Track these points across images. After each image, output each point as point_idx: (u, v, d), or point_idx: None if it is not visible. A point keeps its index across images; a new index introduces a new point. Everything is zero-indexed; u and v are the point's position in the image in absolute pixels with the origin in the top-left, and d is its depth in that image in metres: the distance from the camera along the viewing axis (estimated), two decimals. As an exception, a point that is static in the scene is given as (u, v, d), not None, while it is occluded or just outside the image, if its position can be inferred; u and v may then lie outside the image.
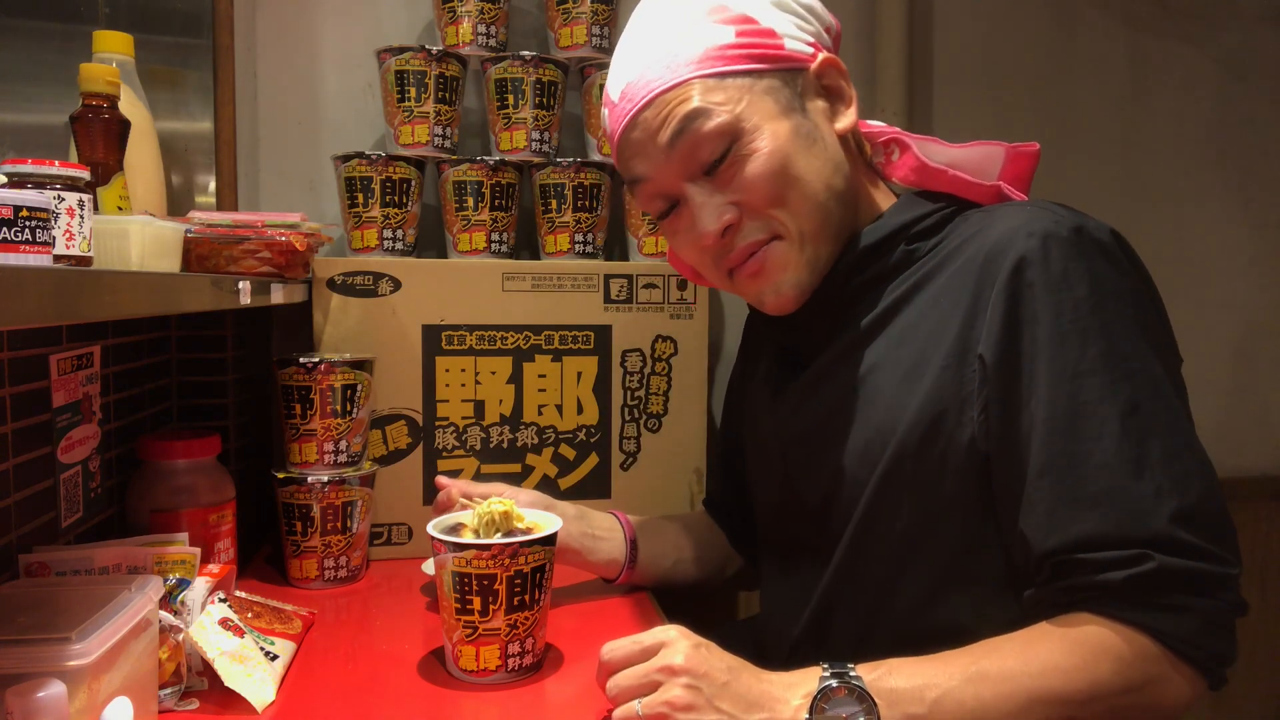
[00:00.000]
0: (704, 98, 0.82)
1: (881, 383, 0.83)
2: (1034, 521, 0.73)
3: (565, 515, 1.02)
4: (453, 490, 0.99)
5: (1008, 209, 0.82)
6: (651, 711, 0.70)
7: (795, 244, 0.85)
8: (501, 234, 1.29)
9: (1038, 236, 0.76)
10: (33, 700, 0.55)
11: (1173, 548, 0.69)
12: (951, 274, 0.81)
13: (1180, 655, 0.70)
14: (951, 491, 0.79)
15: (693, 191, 0.85)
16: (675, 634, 0.75)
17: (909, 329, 0.83)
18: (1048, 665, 0.71)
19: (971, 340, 0.78)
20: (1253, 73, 1.71)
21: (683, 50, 0.82)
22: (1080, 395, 0.73)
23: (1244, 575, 0.73)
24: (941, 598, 0.80)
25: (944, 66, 1.59)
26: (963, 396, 0.78)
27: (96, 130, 0.85)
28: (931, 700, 0.71)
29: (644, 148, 0.85)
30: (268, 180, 1.39)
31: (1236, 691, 1.70)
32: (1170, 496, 0.70)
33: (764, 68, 0.83)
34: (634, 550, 1.06)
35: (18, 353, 0.81)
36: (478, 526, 0.87)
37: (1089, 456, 0.72)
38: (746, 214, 0.84)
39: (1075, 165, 1.63)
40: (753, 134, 0.82)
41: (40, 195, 0.59)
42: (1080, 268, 0.75)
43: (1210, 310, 1.69)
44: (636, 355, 1.28)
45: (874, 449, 0.83)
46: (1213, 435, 0.76)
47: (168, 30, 1.23)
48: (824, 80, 0.86)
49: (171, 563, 0.85)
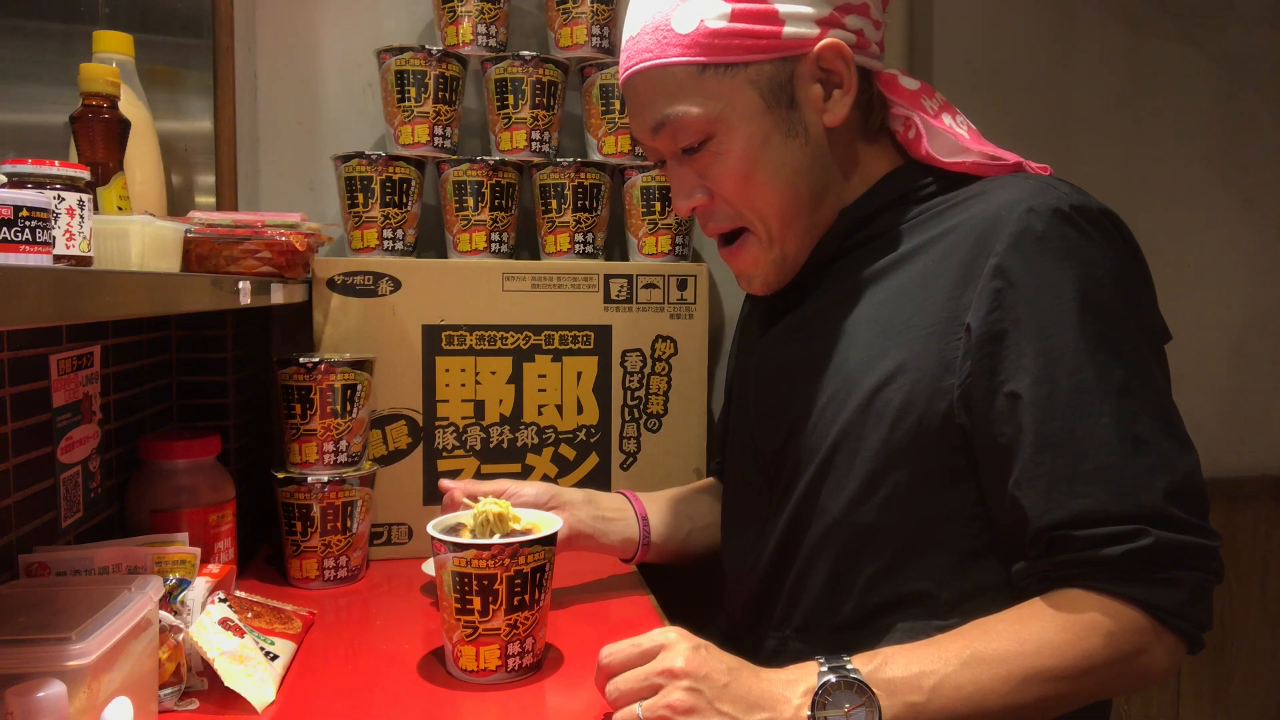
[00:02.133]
0: (685, 91, 0.83)
1: (860, 336, 0.83)
2: (1032, 496, 0.73)
3: (573, 501, 1.03)
4: (455, 493, 0.99)
5: (1011, 180, 0.82)
6: (652, 715, 0.70)
7: (763, 243, 0.87)
8: (501, 234, 1.29)
9: (1038, 212, 0.76)
10: (33, 700, 0.55)
11: (1166, 523, 0.71)
12: (946, 240, 0.81)
13: (1166, 625, 0.72)
14: (922, 458, 0.78)
15: (673, 166, 0.89)
16: (675, 636, 0.75)
17: (898, 289, 0.83)
18: (1042, 643, 0.71)
19: (959, 308, 0.78)
20: (1253, 73, 1.71)
21: (677, 20, 0.82)
22: (1079, 374, 0.73)
23: (1244, 575, 0.73)
24: (902, 564, 0.80)
25: (944, 66, 1.59)
26: (944, 363, 0.78)
27: (96, 130, 0.85)
28: (929, 687, 0.71)
29: (634, 115, 0.89)
30: (268, 180, 1.39)
31: (1236, 691, 1.70)
32: (1162, 473, 0.72)
33: (754, 58, 0.82)
34: (647, 526, 1.07)
35: (18, 353, 0.81)
36: (474, 528, 0.87)
37: (1089, 433, 0.72)
38: (716, 200, 0.87)
39: (1075, 165, 1.63)
40: (727, 134, 0.83)
41: (40, 195, 0.59)
42: (1078, 245, 0.75)
43: (1210, 310, 1.69)
44: (636, 355, 1.28)
45: (838, 399, 0.82)
46: (1213, 435, 0.76)
47: (168, 30, 1.23)
48: (823, 64, 0.83)
49: (171, 563, 0.85)
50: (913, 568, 0.80)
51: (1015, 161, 0.86)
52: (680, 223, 1.33)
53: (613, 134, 1.31)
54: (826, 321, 0.87)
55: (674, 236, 1.32)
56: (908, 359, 0.79)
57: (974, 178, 0.86)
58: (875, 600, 0.81)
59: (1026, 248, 0.75)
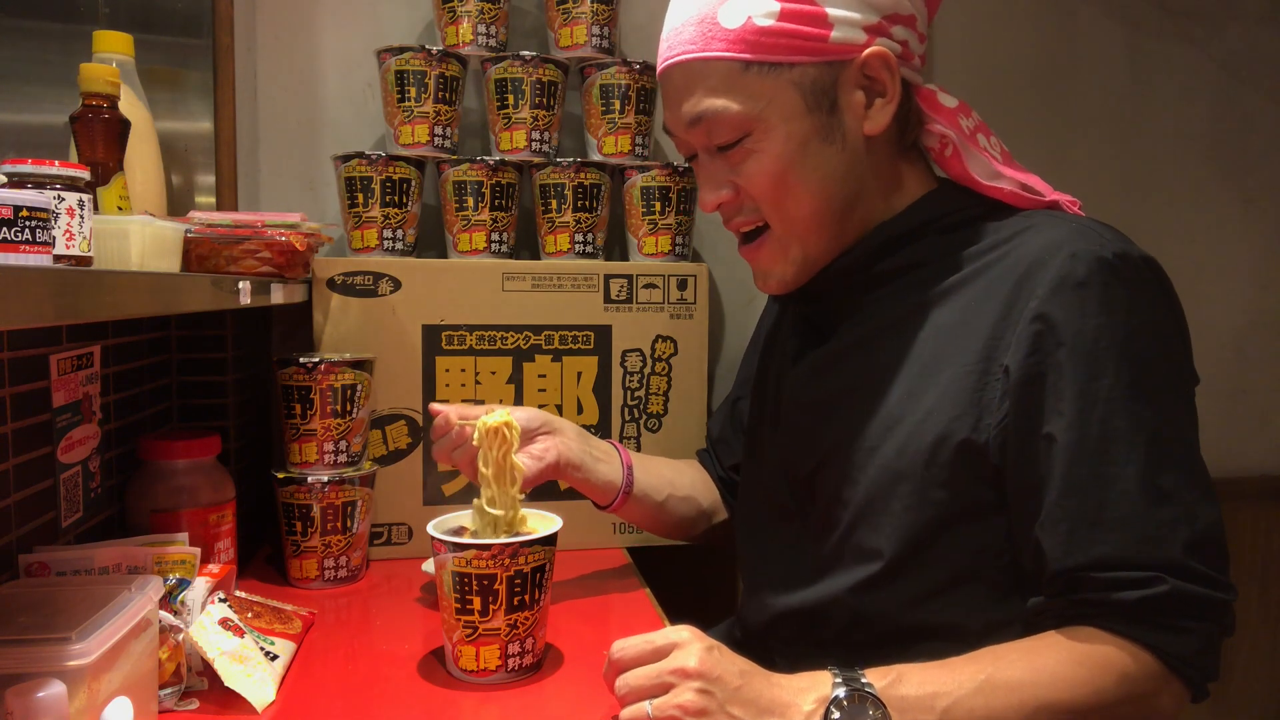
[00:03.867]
0: (727, 86, 0.82)
1: (899, 373, 0.83)
2: (1053, 539, 0.74)
3: (565, 429, 1.04)
4: (450, 415, 0.98)
5: (1052, 220, 0.82)
6: (662, 714, 0.70)
7: (782, 243, 0.87)
8: (501, 234, 1.29)
9: (1081, 258, 0.76)
10: (33, 700, 0.55)
11: (1184, 574, 0.71)
12: (986, 279, 0.81)
13: (1176, 672, 0.73)
14: (957, 495, 0.79)
15: (704, 160, 0.88)
16: (688, 635, 0.74)
17: (938, 327, 0.83)
18: (1056, 676, 0.72)
19: (998, 350, 0.78)
20: (1253, 73, 1.71)
21: (725, 14, 0.81)
22: (1111, 421, 0.73)
23: (1244, 575, 0.74)
24: (935, 596, 0.80)
25: (944, 66, 1.59)
26: (982, 404, 0.78)
27: (96, 130, 0.85)
28: (942, 709, 0.71)
29: (671, 107, 0.88)
30: (268, 180, 1.39)
31: (1237, 691, 1.70)
32: (1184, 526, 0.72)
33: (800, 60, 0.81)
34: (631, 476, 1.07)
35: (18, 353, 0.81)
36: (479, 440, 0.88)
37: (1114, 482, 0.73)
38: (743, 197, 0.87)
39: (1075, 165, 1.64)
40: (765, 134, 0.82)
41: (40, 195, 0.59)
42: (1119, 294, 0.75)
43: (1210, 310, 1.69)
44: (636, 355, 1.28)
45: (876, 435, 0.82)
46: (1213, 435, 0.76)
47: (168, 30, 1.23)
48: (868, 71, 0.82)
49: (171, 563, 0.85)
50: (945, 599, 0.80)
51: (1052, 199, 0.86)
52: (680, 223, 1.32)
53: (613, 134, 1.31)
54: (863, 356, 0.87)
55: (674, 236, 1.32)
56: (946, 398, 0.79)
57: (1009, 206, 0.86)
58: (904, 626, 0.81)
59: (1067, 293, 0.75)
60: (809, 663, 0.75)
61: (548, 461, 0.99)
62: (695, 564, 1.30)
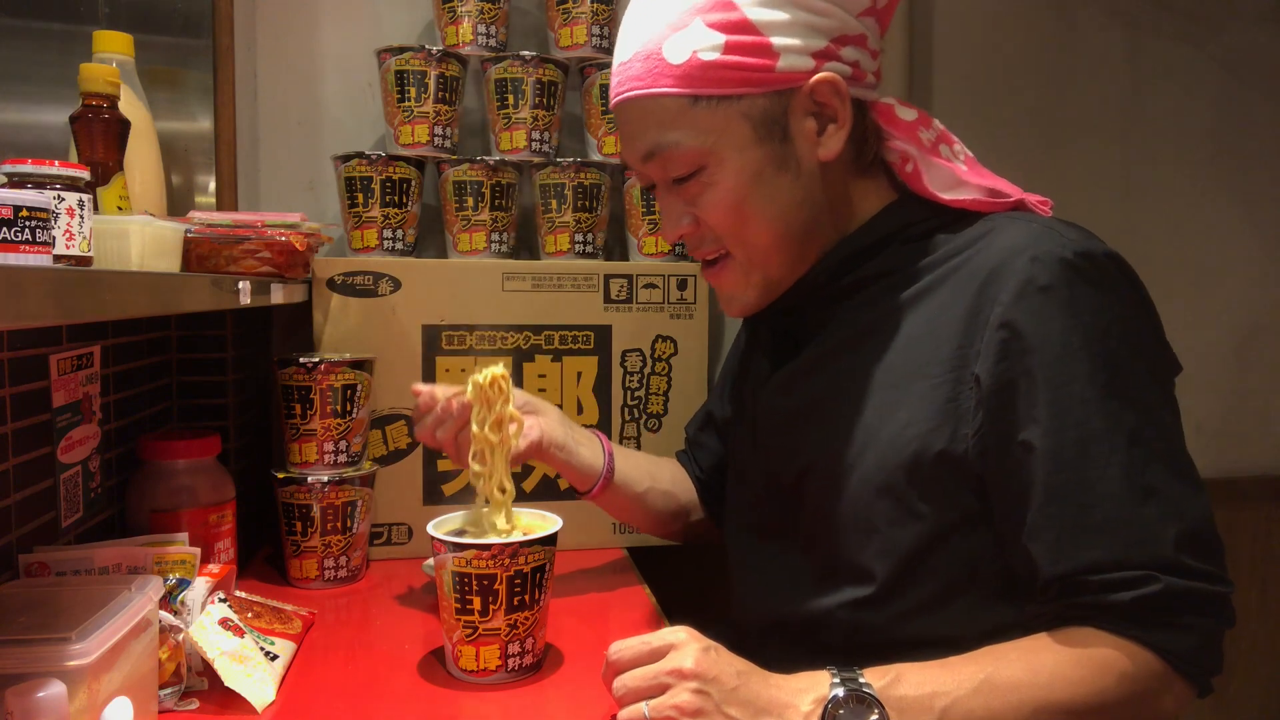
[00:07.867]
0: (676, 121, 0.81)
1: (872, 385, 0.83)
2: (1042, 547, 0.73)
3: (548, 410, 1.04)
4: (436, 390, 0.97)
5: (1012, 223, 0.81)
6: (659, 715, 0.70)
7: (744, 269, 0.87)
8: (501, 234, 1.29)
9: (1042, 261, 0.75)
10: (33, 700, 0.55)
11: (1177, 570, 0.71)
12: (949, 286, 0.80)
13: (1178, 671, 0.72)
14: (942, 507, 0.78)
15: (663, 193, 0.88)
16: (685, 636, 0.74)
17: (907, 337, 0.82)
18: (1055, 676, 0.71)
19: (968, 358, 0.77)
20: (1253, 73, 1.71)
21: (669, 50, 0.81)
22: (1088, 424, 0.73)
23: (1244, 575, 0.74)
24: (930, 609, 0.80)
25: (944, 67, 1.58)
26: (957, 415, 0.77)
27: (96, 130, 0.85)
28: (941, 709, 0.71)
29: (625, 141, 0.88)
30: (268, 180, 1.39)
31: (1236, 691, 1.70)
32: (1172, 522, 0.71)
33: (747, 91, 0.81)
34: (612, 463, 1.06)
35: (18, 353, 0.81)
36: (473, 398, 0.88)
37: (1096, 484, 0.72)
38: (704, 228, 0.86)
39: (1074, 165, 1.64)
40: (719, 166, 0.82)
41: (40, 195, 0.59)
42: (1083, 294, 0.74)
43: (1210, 310, 1.69)
44: (636, 355, 1.28)
45: (856, 450, 0.82)
46: (1213, 435, 0.76)
47: (168, 30, 1.23)
48: (817, 98, 0.81)
49: (171, 563, 0.85)
50: (942, 612, 0.80)
51: (1017, 199, 0.85)
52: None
53: (613, 134, 1.31)
54: (838, 366, 0.86)
55: (674, 236, 1.32)
56: (921, 410, 0.78)
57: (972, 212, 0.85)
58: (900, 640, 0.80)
59: (1031, 298, 0.74)
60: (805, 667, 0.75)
61: (531, 439, 0.99)
62: (695, 564, 1.30)
